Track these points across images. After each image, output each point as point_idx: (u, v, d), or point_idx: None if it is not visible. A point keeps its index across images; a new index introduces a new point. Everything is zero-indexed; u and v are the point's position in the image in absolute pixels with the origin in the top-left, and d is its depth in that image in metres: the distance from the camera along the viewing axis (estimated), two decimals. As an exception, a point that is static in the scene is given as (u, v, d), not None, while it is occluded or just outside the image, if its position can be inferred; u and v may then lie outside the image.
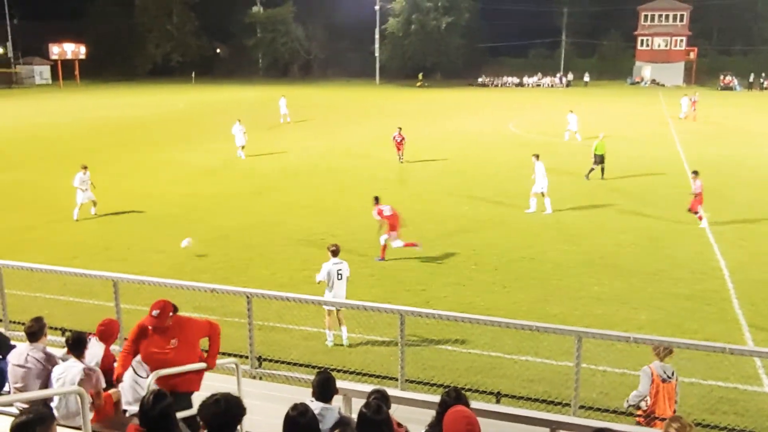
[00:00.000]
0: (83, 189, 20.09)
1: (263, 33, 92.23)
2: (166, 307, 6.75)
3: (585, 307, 13.38)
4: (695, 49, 79.75)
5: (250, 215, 20.76)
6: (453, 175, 26.47)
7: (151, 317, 6.65)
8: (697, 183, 18.95)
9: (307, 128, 41.06)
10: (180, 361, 6.72)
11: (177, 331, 6.79)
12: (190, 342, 6.91)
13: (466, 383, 9.51)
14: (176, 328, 6.80)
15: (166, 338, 6.74)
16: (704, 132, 38.49)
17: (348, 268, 11.94)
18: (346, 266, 11.91)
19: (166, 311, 6.69)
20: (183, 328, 6.85)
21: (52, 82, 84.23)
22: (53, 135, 38.69)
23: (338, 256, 11.91)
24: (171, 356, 6.69)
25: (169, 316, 6.73)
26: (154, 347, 6.75)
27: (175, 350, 6.74)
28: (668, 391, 7.41)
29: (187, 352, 6.82)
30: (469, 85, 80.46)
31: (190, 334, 6.90)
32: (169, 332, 6.75)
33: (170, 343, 6.73)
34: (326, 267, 11.80)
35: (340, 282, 11.74)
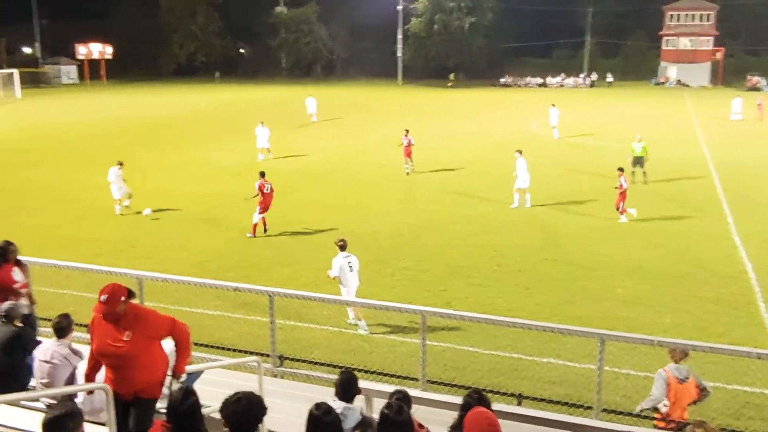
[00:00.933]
0: (118, 184, 20.59)
1: (287, 33, 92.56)
2: (117, 291, 5.99)
3: (608, 309, 13.27)
4: (722, 50, 78.59)
5: (274, 214, 20.82)
6: (475, 176, 26.38)
7: (100, 303, 5.92)
8: (621, 179, 19.35)
9: (331, 128, 41.17)
10: (135, 356, 5.99)
11: (132, 322, 6.03)
12: (147, 336, 6.10)
13: (488, 384, 9.48)
14: (131, 319, 6.04)
15: (120, 329, 5.98)
16: (730, 133, 37.97)
17: (357, 261, 12.35)
18: (355, 259, 12.36)
19: (117, 296, 5.94)
20: (139, 320, 6.09)
21: (79, 82, 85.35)
22: (79, 134, 39.21)
23: (346, 250, 12.33)
24: (125, 350, 5.96)
25: (121, 302, 5.97)
26: (108, 338, 6.01)
27: (129, 344, 5.97)
28: (687, 390, 7.32)
29: (144, 348, 6.06)
30: (491, 85, 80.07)
31: (147, 328, 6.12)
32: (123, 322, 5.99)
33: (124, 335, 5.96)
34: (337, 262, 12.22)
35: (352, 274, 12.19)
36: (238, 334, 11.63)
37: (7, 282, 8.81)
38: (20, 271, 9.15)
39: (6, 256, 9.00)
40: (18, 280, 8.96)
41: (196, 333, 9.73)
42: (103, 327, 6.03)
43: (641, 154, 24.50)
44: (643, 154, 24.47)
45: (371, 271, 15.60)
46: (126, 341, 5.96)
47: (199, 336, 9.71)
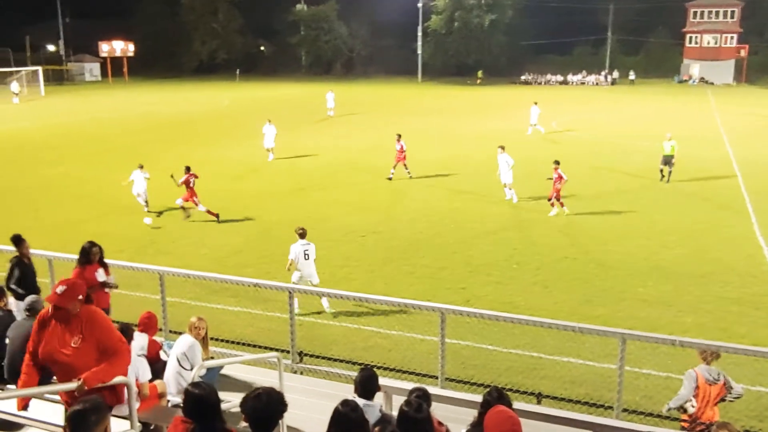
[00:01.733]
0: (140, 187, 20.70)
1: (307, 31, 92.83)
2: (76, 287, 5.42)
3: (629, 309, 13.16)
4: (746, 47, 77.51)
5: (293, 211, 20.94)
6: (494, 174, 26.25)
7: (54, 294, 5.31)
8: (557, 174, 19.58)
9: (350, 125, 41.23)
10: (80, 369, 5.31)
11: (85, 327, 5.38)
12: (98, 347, 5.42)
13: (507, 383, 9.46)
14: (85, 323, 5.40)
15: (70, 332, 5.37)
16: (755, 132, 37.46)
17: (314, 250, 12.86)
18: (313, 248, 12.90)
19: (74, 292, 5.36)
20: (93, 326, 5.43)
21: (102, 79, 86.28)
22: (102, 130, 39.61)
23: (305, 238, 12.90)
24: (72, 359, 5.33)
25: (77, 300, 5.37)
26: (55, 340, 5.36)
27: (76, 353, 5.34)
28: (717, 392, 7.24)
29: (93, 360, 5.39)
30: (511, 83, 79.70)
31: (100, 339, 5.44)
32: (75, 324, 5.37)
33: (72, 341, 5.34)
34: (294, 248, 12.76)
35: (307, 262, 12.75)
36: (258, 330, 11.70)
37: (91, 282, 8.99)
38: (104, 272, 9.34)
39: (88, 257, 9.15)
40: (101, 281, 9.11)
41: (216, 329, 9.85)
42: (52, 327, 5.42)
43: (671, 153, 24.25)
44: (672, 153, 24.22)
45: (390, 269, 15.63)
46: (74, 348, 5.35)
47: (218, 332, 9.81)
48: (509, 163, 21.59)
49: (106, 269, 9.40)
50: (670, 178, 24.26)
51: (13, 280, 9.81)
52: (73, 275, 9.09)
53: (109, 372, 5.47)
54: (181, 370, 7.18)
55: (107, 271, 9.40)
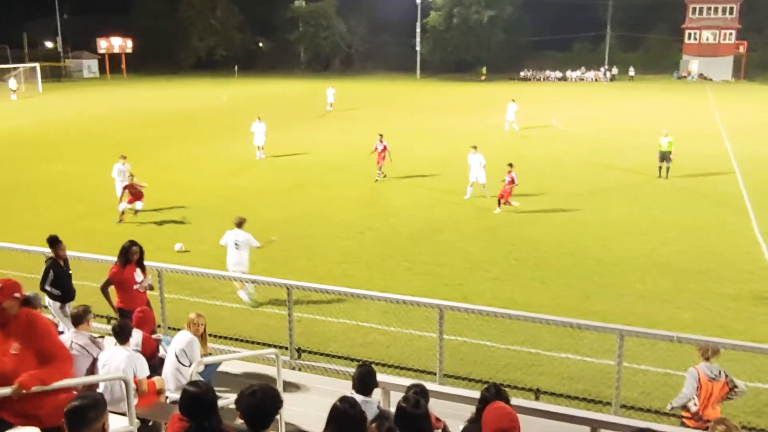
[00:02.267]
0: (121, 180, 20.10)
1: (305, 27, 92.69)
2: (11, 285, 5.09)
3: (627, 305, 13.17)
4: (745, 43, 77.46)
5: (292, 208, 20.93)
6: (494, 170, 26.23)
7: None
8: (509, 176, 19.67)
9: (350, 121, 41.19)
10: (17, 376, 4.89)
11: (23, 333, 5.03)
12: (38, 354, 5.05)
13: (505, 379, 9.47)
14: (23, 328, 5.05)
15: (9, 338, 5.01)
16: (753, 128, 37.46)
17: (246, 239, 13.03)
18: (244, 237, 13.04)
19: (10, 290, 5.05)
20: (34, 331, 5.07)
21: (100, 76, 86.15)
22: (101, 127, 39.55)
23: (241, 228, 13.19)
24: (9, 368, 4.92)
25: (13, 298, 5.05)
26: None
27: (16, 361, 4.94)
28: (718, 389, 7.25)
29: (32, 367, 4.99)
30: (510, 79, 79.63)
31: (39, 344, 5.09)
32: (12, 328, 5.00)
33: (12, 347, 4.98)
34: (226, 235, 13.26)
35: (237, 251, 12.94)
36: (257, 326, 11.69)
37: (129, 282, 9.10)
38: (141, 273, 9.36)
39: (127, 256, 9.17)
40: (138, 281, 9.12)
41: (215, 325, 9.84)
42: None
43: (668, 149, 24.20)
44: (669, 149, 24.17)
45: (389, 265, 15.63)
46: (13, 356, 4.95)
47: (217, 328, 9.81)
48: (482, 163, 21.43)
49: (143, 270, 9.39)
50: (668, 174, 24.25)
51: (47, 281, 9.79)
52: (110, 274, 9.09)
53: (49, 375, 5.02)
54: (179, 366, 7.19)
55: (144, 272, 9.40)
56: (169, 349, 7.55)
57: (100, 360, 6.75)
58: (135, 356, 6.69)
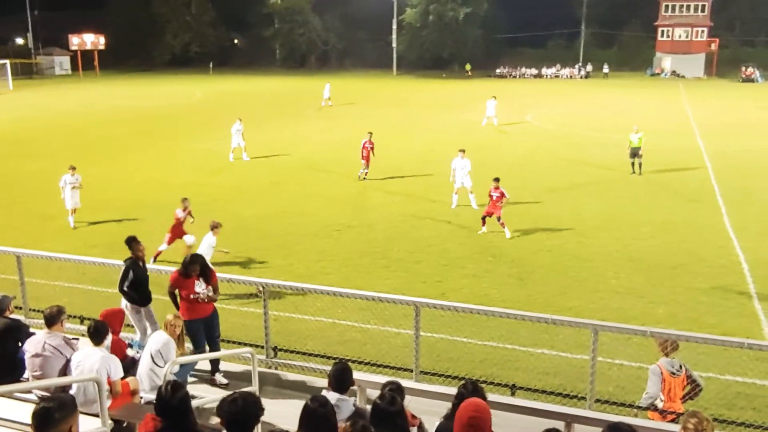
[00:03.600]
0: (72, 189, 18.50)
1: (281, 23, 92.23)
2: None
3: (602, 300, 13.31)
4: (717, 41, 78.54)
5: (269, 205, 20.84)
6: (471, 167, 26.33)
7: None
8: (498, 192, 17.56)
9: (327, 119, 41.08)
10: None
11: None
12: None
13: (481, 375, 9.51)
14: None
15: None
16: (725, 124, 38.01)
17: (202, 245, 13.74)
18: (203, 243, 13.79)
19: None
20: None
21: (72, 73, 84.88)
22: (73, 125, 39.03)
23: (214, 232, 13.92)
24: None
25: None
26: None
27: None
28: (678, 384, 7.36)
29: None
30: (487, 76, 79.95)
31: None
32: None
33: None
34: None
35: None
36: (232, 325, 11.59)
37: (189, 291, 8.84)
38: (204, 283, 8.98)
39: (187, 271, 8.87)
40: (199, 291, 8.84)
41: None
42: None
43: (638, 145, 24.46)
44: (639, 145, 24.43)
45: (366, 262, 15.63)
46: None
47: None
48: (466, 169, 20.25)
49: (206, 281, 9.01)
50: (641, 170, 24.51)
51: (126, 282, 9.56)
52: (171, 278, 8.95)
53: None
54: (154, 367, 7.12)
55: (209, 283, 9.00)
56: (144, 349, 7.47)
57: (73, 361, 6.66)
58: (109, 357, 6.62)
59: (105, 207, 20.41)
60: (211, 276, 9.09)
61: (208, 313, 9.04)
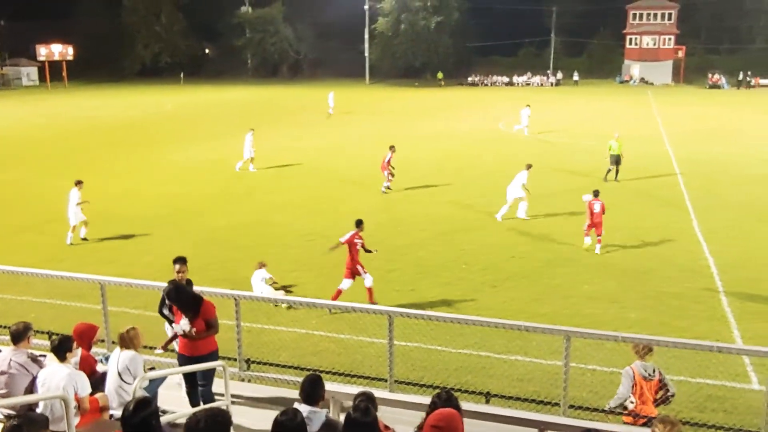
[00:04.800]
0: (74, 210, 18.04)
1: (252, 33, 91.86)
2: None
3: (575, 306, 13.40)
4: (683, 48, 80.00)
5: (242, 215, 20.69)
6: (443, 175, 26.45)
7: None
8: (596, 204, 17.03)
9: (300, 128, 40.94)
10: None
11: None
12: None
13: (456, 383, 9.50)
14: None
15: None
16: (693, 131, 38.64)
17: None
18: None
19: None
20: None
21: (40, 84, 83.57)
22: (41, 136, 38.44)
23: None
24: None
25: None
26: None
27: None
28: (651, 388, 7.42)
29: None
30: (459, 84, 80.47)
31: None
32: None
33: None
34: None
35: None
36: (205, 338, 11.47)
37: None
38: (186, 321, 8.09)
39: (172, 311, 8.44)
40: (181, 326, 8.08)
41: (160, 338, 9.62)
42: None
43: (618, 152, 24.80)
44: (619, 152, 24.78)
45: (340, 272, 15.52)
46: None
47: (162, 340, 9.57)
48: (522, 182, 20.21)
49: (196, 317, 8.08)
50: (618, 177, 24.76)
51: (165, 305, 8.88)
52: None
53: None
54: (122, 383, 6.99)
55: (192, 322, 8.03)
56: (110, 366, 7.30)
57: (38, 378, 6.51)
58: (76, 374, 6.48)
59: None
60: (204, 312, 8.12)
61: (196, 353, 8.07)
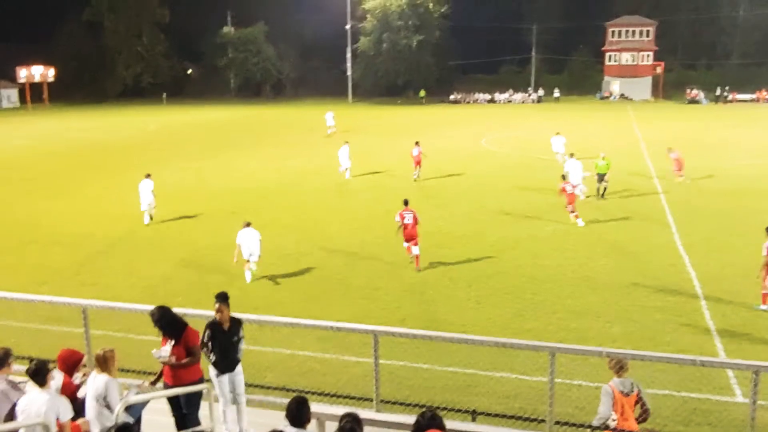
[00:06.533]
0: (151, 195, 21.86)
1: (234, 53, 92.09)
2: None
3: (559, 321, 13.44)
4: (662, 64, 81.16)
5: (224, 235, 20.52)
6: (427, 191, 26.55)
7: None
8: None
9: (284, 147, 40.95)
10: None
11: None
12: None
13: (442, 402, 9.48)
14: None
15: None
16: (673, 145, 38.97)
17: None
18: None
19: None
20: None
21: (20, 106, 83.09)
22: (22, 159, 38.14)
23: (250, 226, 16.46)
24: None
25: None
26: None
27: None
28: (630, 404, 7.45)
29: None
30: (441, 102, 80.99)
31: None
32: None
33: None
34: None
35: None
36: (189, 360, 11.37)
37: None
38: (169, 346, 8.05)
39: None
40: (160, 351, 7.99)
41: (144, 361, 9.52)
42: None
43: (604, 170, 24.95)
44: (606, 171, 24.92)
45: (323, 290, 15.53)
46: None
47: (147, 364, 9.48)
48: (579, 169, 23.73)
49: (174, 343, 8.02)
50: (605, 194, 24.93)
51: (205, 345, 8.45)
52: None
53: None
54: (102, 410, 6.89)
55: (175, 348, 7.98)
56: (87, 391, 7.14)
57: (18, 405, 6.41)
58: (57, 399, 6.38)
59: (56, 242, 19.92)
60: (186, 339, 8.05)
61: (178, 382, 7.96)
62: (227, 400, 8.60)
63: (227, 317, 8.48)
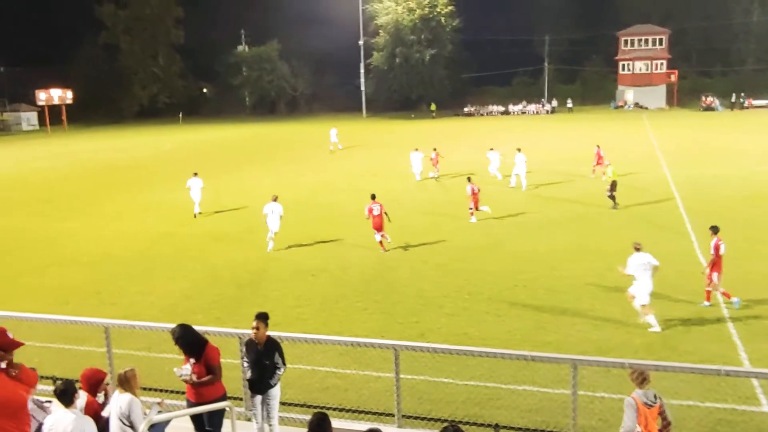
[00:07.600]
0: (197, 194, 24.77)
1: (249, 71, 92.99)
2: None
3: (580, 333, 13.34)
4: (676, 72, 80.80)
5: (241, 252, 20.69)
6: (444, 204, 26.54)
7: None
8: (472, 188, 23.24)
9: (299, 163, 41.16)
10: None
11: None
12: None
13: (464, 416, 9.43)
14: None
15: None
16: (689, 153, 38.83)
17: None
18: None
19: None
20: None
21: (40, 128, 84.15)
22: (42, 180, 38.62)
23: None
24: None
25: None
26: None
27: None
28: (653, 416, 7.36)
29: None
30: (455, 115, 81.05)
31: None
32: None
33: None
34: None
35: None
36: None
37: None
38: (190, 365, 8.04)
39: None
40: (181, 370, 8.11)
41: (166, 379, 9.58)
42: None
43: (614, 177, 24.95)
44: (615, 178, 24.90)
45: (342, 306, 15.53)
46: None
47: (168, 383, 9.54)
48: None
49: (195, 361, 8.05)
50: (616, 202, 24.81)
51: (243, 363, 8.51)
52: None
53: None
54: (126, 429, 6.92)
55: (199, 363, 8.01)
56: (111, 410, 7.18)
57: (45, 425, 6.46)
58: (83, 419, 6.42)
59: (75, 261, 20.11)
60: (206, 357, 8.06)
61: (201, 399, 7.99)
62: (258, 419, 8.55)
63: (263, 336, 8.45)
